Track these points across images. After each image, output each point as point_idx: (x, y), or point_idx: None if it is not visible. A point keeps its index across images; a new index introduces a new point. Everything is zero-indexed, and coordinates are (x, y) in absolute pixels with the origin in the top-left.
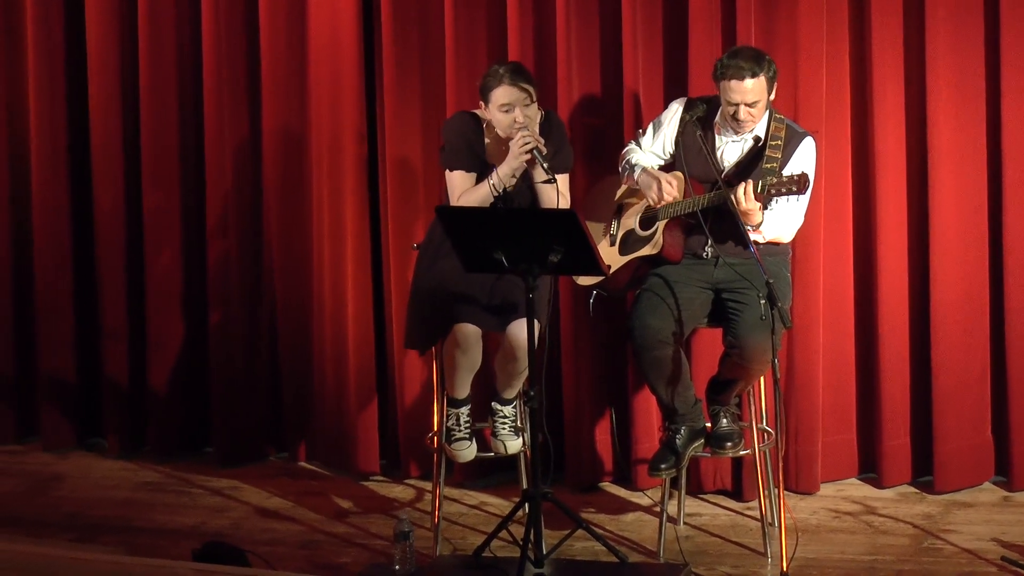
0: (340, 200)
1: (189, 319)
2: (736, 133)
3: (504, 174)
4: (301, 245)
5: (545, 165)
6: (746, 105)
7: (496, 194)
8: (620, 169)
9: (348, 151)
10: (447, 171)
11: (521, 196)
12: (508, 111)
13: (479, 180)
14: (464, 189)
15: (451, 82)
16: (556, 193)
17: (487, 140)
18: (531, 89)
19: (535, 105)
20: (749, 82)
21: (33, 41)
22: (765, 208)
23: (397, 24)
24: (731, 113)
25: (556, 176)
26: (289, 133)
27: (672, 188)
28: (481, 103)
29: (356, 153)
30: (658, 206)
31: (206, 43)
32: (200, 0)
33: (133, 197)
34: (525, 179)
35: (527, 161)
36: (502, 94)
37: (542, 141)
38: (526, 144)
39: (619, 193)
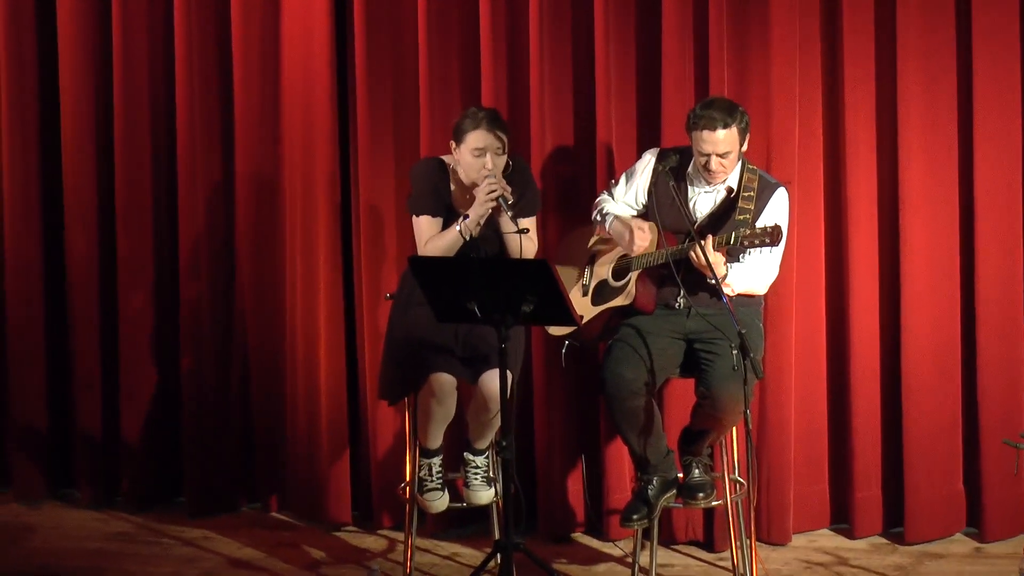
0: (313, 247)
1: (161, 368)
2: (708, 184)
3: (471, 221)
4: (273, 292)
5: (510, 214)
6: (718, 156)
7: (464, 240)
8: (593, 218)
9: (321, 197)
10: (414, 216)
11: (489, 243)
12: (479, 155)
13: (445, 225)
14: (431, 234)
15: (425, 130)
16: (528, 244)
17: (453, 186)
18: (505, 139)
19: (505, 156)
20: (721, 133)
21: (6, 88)
22: (737, 260)
23: (371, 71)
24: (703, 163)
25: (522, 219)
26: (262, 179)
27: (645, 234)
28: (452, 142)
29: (329, 199)
30: (632, 255)
31: (179, 88)
32: (173, 44)
33: (107, 244)
34: (492, 226)
35: (493, 209)
36: (477, 138)
37: (509, 189)
38: (492, 192)
39: (591, 242)
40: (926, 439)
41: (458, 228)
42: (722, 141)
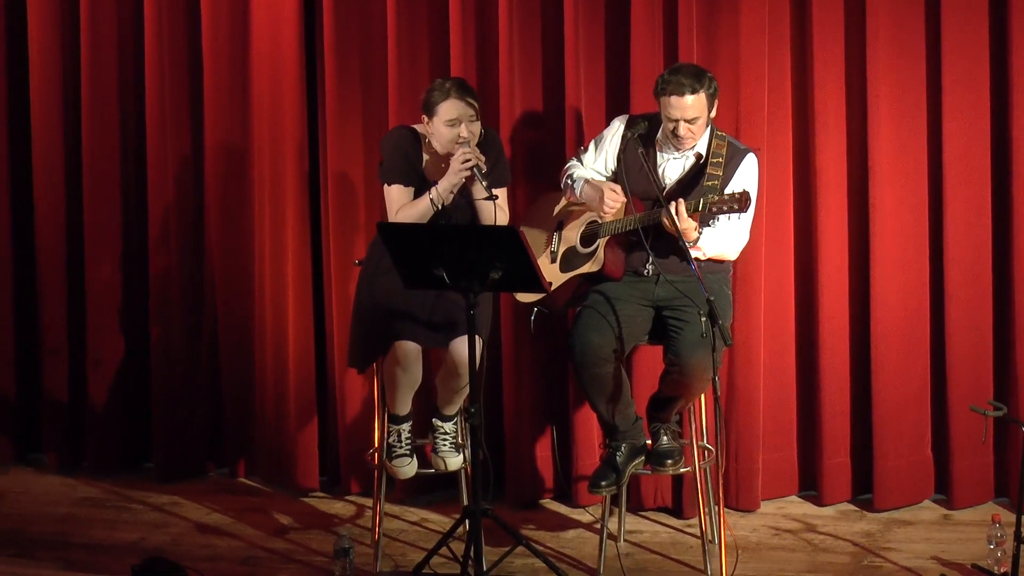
0: (281, 215)
1: (130, 335)
2: (677, 150)
3: (443, 189)
4: (242, 260)
5: (484, 183)
6: (686, 121)
7: (436, 209)
8: (562, 184)
9: (289, 166)
10: (385, 185)
11: (460, 212)
12: (454, 125)
13: (417, 195)
14: (402, 203)
15: (393, 99)
16: (500, 214)
17: (426, 155)
18: (477, 105)
19: (479, 122)
20: (689, 98)
21: None
22: (706, 226)
23: (339, 41)
24: (671, 129)
25: (494, 190)
26: (231, 148)
27: (617, 196)
28: (424, 117)
29: (297, 168)
30: (604, 217)
31: (148, 58)
32: (143, 16)
33: (74, 212)
34: (464, 195)
35: (467, 177)
36: (449, 108)
37: (483, 159)
38: (467, 161)
39: (559, 208)
40: (895, 406)
41: (431, 197)
42: (690, 107)
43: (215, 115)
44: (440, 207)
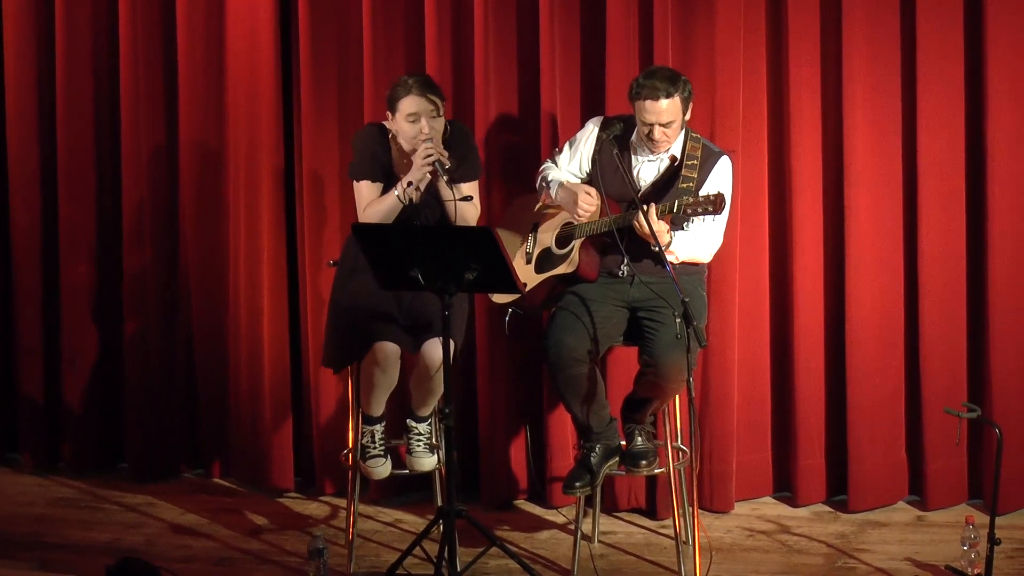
0: (256, 214)
1: (105, 334)
2: (652, 152)
3: (408, 185)
4: (217, 260)
5: (446, 178)
6: (660, 125)
7: (403, 204)
8: (537, 186)
9: (265, 165)
10: (354, 182)
11: (431, 210)
12: (414, 121)
13: (385, 191)
14: (370, 200)
15: (368, 98)
16: (470, 209)
17: (394, 152)
18: (438, 101)
19: (442, 118)
20: (664, 102)
21: None
22: (680, 228)
23: (315, 39)
24: (646, 133)
25: (464, 184)
26: (206, 147)
27: (592, 199)
28: (388, 113)
29: (273, 167)
30: (578, 219)
31: (123, 55)
32: (117, 12)
33: (50, 210)
34: (434, 193)
35: (431, 174)
36: (409, 104)
37: (445, 155)
38: (428, 156)
39: (535, 210)
40: (869, 408)
41: (396, 193)
42: (665, 111)
43: (190, 112)
44: (407, 203)
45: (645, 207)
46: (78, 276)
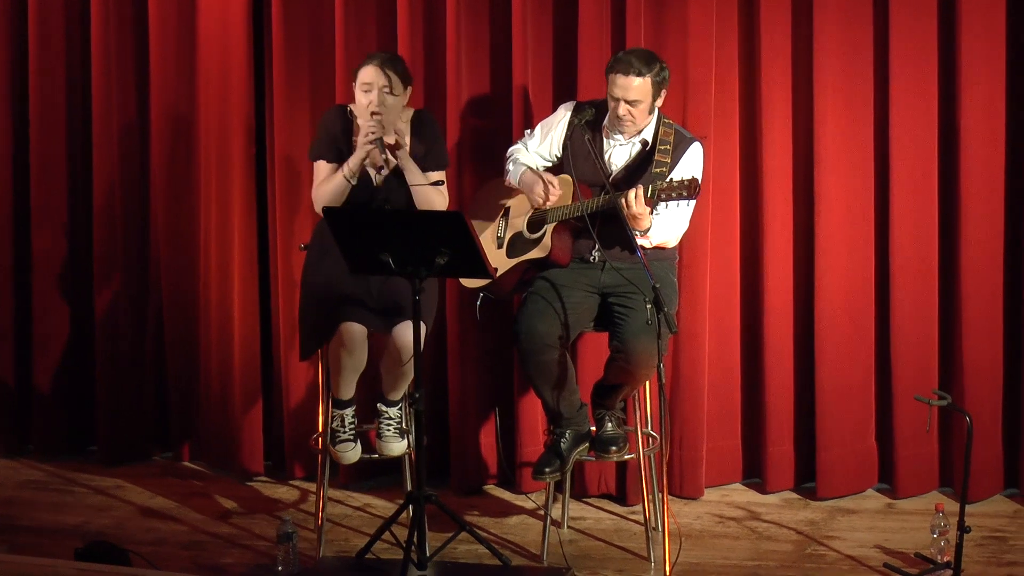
0: (228, 197)
1: (75, 317)
2: (623, 135)
3: (353, 163)
4: (188, 242)
5: (384, 155)
6: (627, 102)
7: (350, 184)
8: (505, 169)
9: (236, 148)
10: (313, 162)
11: (397, 195)
12: (367, 91)
13: None
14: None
15: (340, 82)
16: (438, 198)
17: (355, 133)
18: (395, 79)
19: (399, 98)
20: (635, 80)
21: None
22: (652, 213)
23: (287, 23)
24: (613, 108)
25: (432, 173)
26: (177, 127)
27: (555, 189)
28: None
29: (244, 150)
30: (543, 208)
31: (95, 35)
32: None
33: (20, 191)
34: (400, 177)
35: (386, 155)
36: (365, 73)
37: (396, 136)
38: (372, 133)
39: (506, 194)
40: (839, 395)
41: (344, 173)
42: (633, 88)
43: (161, 91)
44: (352, 182)
45: (634, 191)
46: (49, 259)
